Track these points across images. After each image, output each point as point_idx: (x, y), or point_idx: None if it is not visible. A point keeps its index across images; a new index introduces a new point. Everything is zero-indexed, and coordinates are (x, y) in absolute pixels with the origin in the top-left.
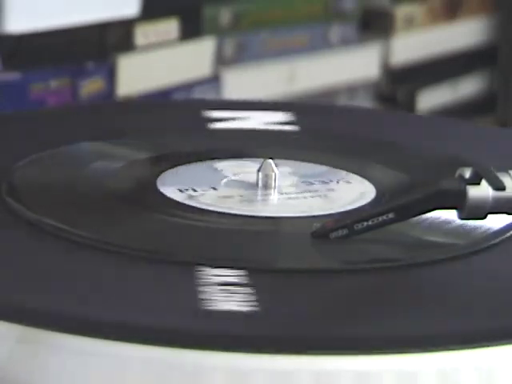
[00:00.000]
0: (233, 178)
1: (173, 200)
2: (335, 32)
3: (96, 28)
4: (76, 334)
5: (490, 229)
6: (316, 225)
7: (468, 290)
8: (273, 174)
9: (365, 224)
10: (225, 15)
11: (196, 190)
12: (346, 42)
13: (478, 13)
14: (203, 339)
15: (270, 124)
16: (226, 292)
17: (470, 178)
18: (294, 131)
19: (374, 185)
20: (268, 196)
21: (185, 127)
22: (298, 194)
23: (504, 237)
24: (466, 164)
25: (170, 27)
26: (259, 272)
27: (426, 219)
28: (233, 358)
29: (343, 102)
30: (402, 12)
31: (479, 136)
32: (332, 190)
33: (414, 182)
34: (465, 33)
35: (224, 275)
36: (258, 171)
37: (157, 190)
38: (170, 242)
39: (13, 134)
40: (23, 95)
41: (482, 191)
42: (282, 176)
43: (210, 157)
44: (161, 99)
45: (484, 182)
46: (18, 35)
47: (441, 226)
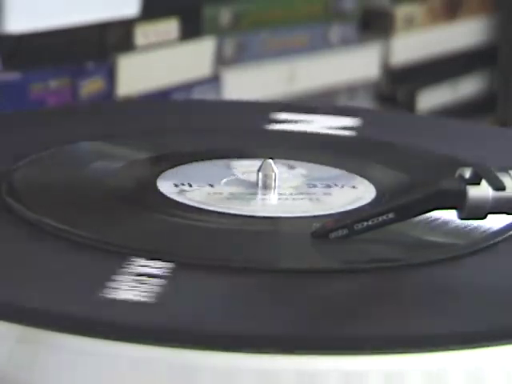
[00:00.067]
0: (237, 177)
1: (166, 197)
2: (335, 32)
3: (96, 28)
4: (76, 334)
5: (489, 229)
6: (316, 225)
7: (468, 291)
8: (272, 174)
9: (365, 224)
10: (225, 15)
11: (191, 186)
12: (345, 42)
13: (478, 13)
14: (203, 339)
15: (327, 128)
16: (137, 282)
17: (470, 177)
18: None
19: (374, 185)
20: (258, 195)
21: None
22: (292, 196)
23: (504, 237)
24: (466, 164)
25: (170, 27)
26: (259, 272)
27: (425, 219)
28: (233, 358)
29: (343, 102)
30: (402, 12)
31: (479, 136)
32: (328, 194)
33: (414, 182)
34: (465, 33)
35: (148, 266)
36: (258, 171)
37: (157, 190)
38: (170, 242)
39: (13, 134)
40: (23, 95)
41: (482, 191)
42: (293, 177)
43: (228, 155)
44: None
45: (484, 182)
46: (18, 35)
47: (441, 226)
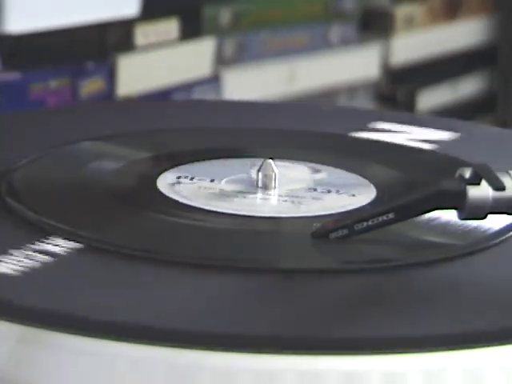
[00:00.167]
0: (244, 176)
1: (166, 196)
2: (335, 32)
3: (96, 28)
4: (76, 333)
5: (489, 229)
6: (316, 225)
7: (468, 291)
8: (272, 174)
9: (365, 224)
10: (225, 15)
11: (192, 179)
12: (345, 42)
13: (478, 13)
14: (203, 339)
15: (417, 141)
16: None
17: (470, 178)
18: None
19: (378, 194)
20: (249, 195)
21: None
22: (284, 197)
23: (504, 237)
24: (466, 164)
25: (170, 27)
26: (259, 272)
27: (425, 219)
28: (232, 358)
29: (343, 102)
30: (402, 12)
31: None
32: (317, 199)
33: (414, 182)
34: (465, 33)
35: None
36: (258, 171)
37: (157, 189)
38: (169, 242)
39: (13, 134)
40: (23, 95)
41: (482, 191)
42: (299, 179)
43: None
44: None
45: (484, 182)
46: (18, 35)
47: (441, 226)
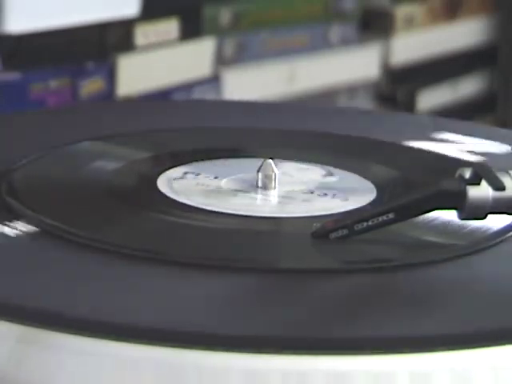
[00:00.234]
0: (247, 176)
1: (166, 196)
2: (335, 32)
3: (96, 28)
4: (76, 334)
5: (489, 229)
6: (316, 225)
7: (468, 291)
8: (272, 174)
9: (365, 224)
10: (225, 15)
11: (198, 175)
12: (346, 42)
13: (478, 13)
14: (203, 339)
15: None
16: None
17: (470, 178)
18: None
19: (376, 187)
20: (246, 194)
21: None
22: (278, 198)
23: (504, 237)
24: (466, 164)
25: (170, 27)
26: (259, 272)
27: (425, 219)
28: (233, 358)
29: (343, 102)
30: (402, 12)
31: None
32: (305, 201)
33: (414, 182)
34: (465, 33)
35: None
36: (258, 171)
37: (157, 189)
38: (170, 242)
39: (13, 134)
40: (23, 95)
41: (482, 191)
42: (305, 183)
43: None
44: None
45: (484, 182)
46: (18, 35)
47: (441, 226)
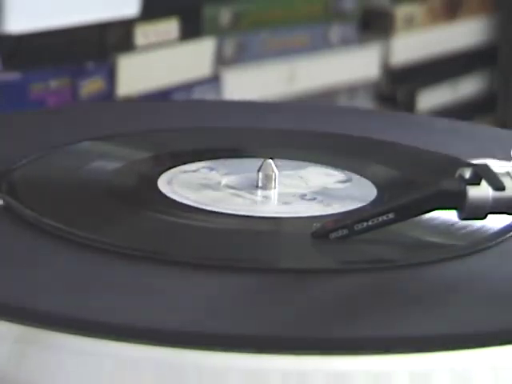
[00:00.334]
0: (247, 176)
1: (166, 196)
2: (335, 32)
3: (96, 28)
4: (76, 333)
5: (489, 229)
6: (316, 225)
7: (468, 291)
8: (272, 174)
9: (365, 224)
10: (225, 15)
11: (198, 175)
12: (345, 42)
13: (478, 13)
14: (203, 339)
15: None
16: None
17: (470, 178)
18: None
19: (375, 186)
20: (241, 193)
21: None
22: (277, 198)
23: (504, 237)
24: (466, 164)
25: (170, 27)
26: (259, 272)
27: (425, 219)
28: (233, 358)
29: (343, 102)
30: (402, 12)
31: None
32: (286, 204)
33: (415, 182)
34: (465, 33)
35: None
36: (258, 171)
37: (157, 189)
38: (170, 242)
39: (13, 134)
40: (23, 95)
41: (482, 191)
42: (303, 187)
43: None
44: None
45: (484, 182)
46: (18, 35)
47: (440, 226)
